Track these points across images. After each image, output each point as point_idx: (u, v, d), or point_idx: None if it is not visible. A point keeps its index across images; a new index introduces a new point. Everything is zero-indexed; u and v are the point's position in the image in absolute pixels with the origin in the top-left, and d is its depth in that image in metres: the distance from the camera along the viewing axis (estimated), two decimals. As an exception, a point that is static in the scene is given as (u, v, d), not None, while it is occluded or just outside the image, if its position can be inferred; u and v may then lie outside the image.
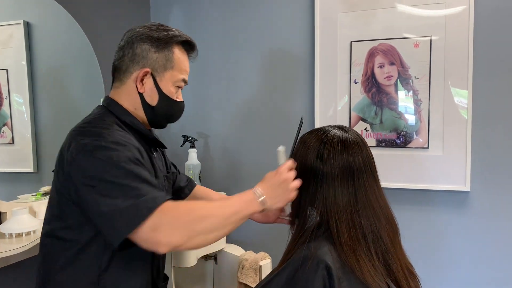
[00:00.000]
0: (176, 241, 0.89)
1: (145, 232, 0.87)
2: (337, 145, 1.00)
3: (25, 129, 1.72)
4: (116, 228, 0.88)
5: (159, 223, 0.87)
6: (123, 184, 0.89)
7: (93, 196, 0.90)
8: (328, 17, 1.91)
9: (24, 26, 1.72)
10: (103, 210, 0.89)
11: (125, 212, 0.87)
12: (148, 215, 0.87)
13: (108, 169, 0.90)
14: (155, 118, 1.13)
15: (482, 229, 1.76)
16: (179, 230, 0.90)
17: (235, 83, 2.15)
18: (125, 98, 1.09)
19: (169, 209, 0.90)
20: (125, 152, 0.94)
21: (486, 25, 1.71)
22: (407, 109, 1.81)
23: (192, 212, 0.93)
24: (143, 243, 0.89)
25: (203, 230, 0.92)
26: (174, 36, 1.11)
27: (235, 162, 2.17)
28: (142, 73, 1.07)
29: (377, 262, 0.94)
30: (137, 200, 0.88)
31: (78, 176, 0.93)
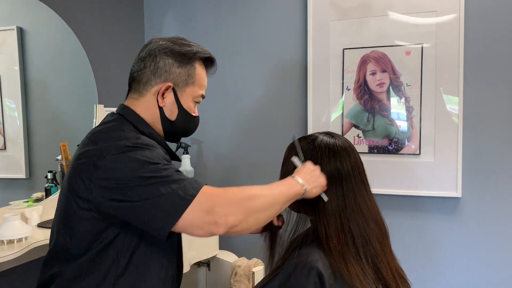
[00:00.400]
0: (233, 220, 0.87)
1: (199, 215, 0.86)
2: (325, 151, 1.01)
3: (17, 134, 1.71)
4: (164, 215, 0.86)
5: (212, 204, 0.87)
6: (162, 175, 0.88)
7: (132, 194, 0.87)
8: (320, 25, 1.93)
9: (17, 32, 1.72)
10: (146, 202, 0.86)
11: (172, 195, 0.86)
12: (195, 195, 0.86)
13: (145, 166, 0.88)
14: (172, 132, 1.11)
15: (473, 235, 1.77)
16: (235, 208, 0.89)
17: (228, 89, 2.16)
18: (143, 111, 1.07)
19: (217, 190, 0.91)
20: (157, 151, 0.94)
21: (476, 33, 1.73)
22: (399, 115, 1.83)
23: (243, 192, 0.93)
24: (197, 228, 0.87)
25: (256, 209, 0.92)
26: (198, 52, 1.10)
27: (228, 168, 2.17)
28: (165, 87, 1.05)
29: (367, 266, 0.95)
30: (181, 184, 0.87)
31: (109, 178, 0.89)
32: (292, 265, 0.93)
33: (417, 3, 1.79)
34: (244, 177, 2.14)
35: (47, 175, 1.72)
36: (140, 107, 1.07)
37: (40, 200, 1.70)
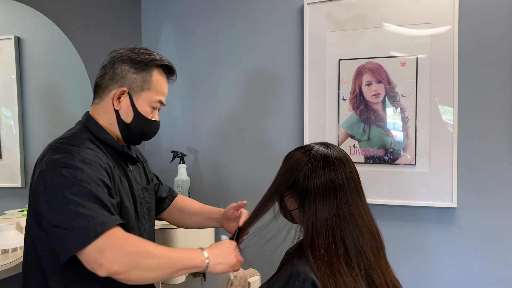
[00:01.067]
0: (116, 268, 0.91)
1: (91, 252, 0.91)
2: (320, 162, 1.01)
3: (13, 143, 1.71)
4: (64, 246, 0.92)
5: (105, 247, 0.91)
6: (78, 202, 0.94)
7: (47, 209, 0.96)
8: (317, 36, 1.95)
9: (14, 41, 1.72)
10: (54, 224, 0.94)
11: (74, 232, 0.91)
12: (94, 239, 0.90)
13: (69, 186, 0.95)
14: (129, 134, 1.18)
15: (469, 246, 1.77)
16: (122, 258, 0.93)
17: (224, 99, 2.17)
18: (102, 114, 1.16)
19: (118, 236, 0.95)
20: (88, 172, 0.99)
21: (470, 44, 1.75)
22: (395, 126, 1.84)
23: (138, 246, 0.97)
24: (86, 263, 0.92)
25: (144, 266, 0.95)
26: (154, 60, 1.17)
27: (224, 177, 2.17)
28: (120, 91, 1.13)
29: (359, 276, 0.95)
30: (88, 222, 0.92)
31: (40, 187, 0.99)
32: (287, 275, 0.93)
33: (412, 15, 1.81)
34: (240, 187, 2.14)
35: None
36: (100, 111, 1.16)
37: (35, 210, 1.69)
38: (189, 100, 2.23)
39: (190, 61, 2.23)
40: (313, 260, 0.94)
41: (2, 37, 1.73)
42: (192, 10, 2.22)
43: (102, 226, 0.92)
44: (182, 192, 2.03)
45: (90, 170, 1.00)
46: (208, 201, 2.17)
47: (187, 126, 2.24)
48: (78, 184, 0.96)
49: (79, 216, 0.92)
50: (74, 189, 0.95)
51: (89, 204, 0.95)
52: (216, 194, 2.19)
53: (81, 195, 0.95)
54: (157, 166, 2.29)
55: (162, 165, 2.26)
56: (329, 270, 0.92)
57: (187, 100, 2.24)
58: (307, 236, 0.98)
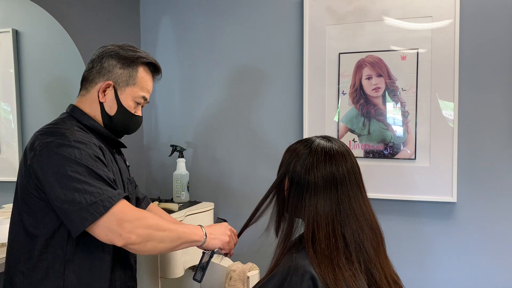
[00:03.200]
0: (134, 238, 1.00)
1: (109, 223, 0.98)
2: (321, 155, 1.00)
3: (12, 137, 1.71)
4: (74, 222, 0.98)
5: (125, 218, 1.00)
6: (82, 180, 0.99)
7: (54, 190, 0.99)
8: (317, 29, 1.94)
9: (12, 34, 1.72)
10: (62, 206, 0.98)
11: (83, 208, 0.97)
12: (103, 213, 0.97)
13: (70, 165, 1.00)
14: (111, 127, 1.22)
15: (469, 240, 1.77)
16: (140, 229, 1.02)
17: (223, 94, 2.16)
18: (87, 105, 1.20)
19: (129, 209, 1.03)
20: (86, 150, 1.04)
21: (471, 38, 1.74)
22: (395, 120, 1.83)
23: (153, 219, 1.07)
24: (102, 234, 0.99)
25: (158, 238, 1.05)
26: (140, 57, 1.22)
27: (223, 172, 2.17)
28: (105, 85, 1.18)
29: (359, 271, 0.94)
30: (95, 198, 0.98)
31: (41, 171, 1.01)
32: (286, 269, 0.92)
33: (412, 8, 1.79)
34: (239, 181, 2.14)
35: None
36: (85, 102, 1.20)
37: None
38: (188, 94, 2.22)
39: (189, 55, 2.22)
40: (313, 254, 0.94)
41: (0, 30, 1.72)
42: (191, 4, 2.20)
43: (110, 201, 0.99)
44: (181, 187, 2.02)
45: (86, 149, 1.05)
46: (207, 196, 2.18)
47: (186, 120, 2.23)
48: (78, 162, 1.01)
49: (85, 193, 0.98)
50: (76, 168, 1.00)
51: (93, 181, 1.00)
52: (214, 189, 2.18)
53: (83, 173, 1.00)
54: (156, 160, 2.29)
55: (161, 159, 2.25)
56: (329, 265, 0.92)
57: (187, 94, 2.23)
58: (307, 230, 0.97)
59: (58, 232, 1.06)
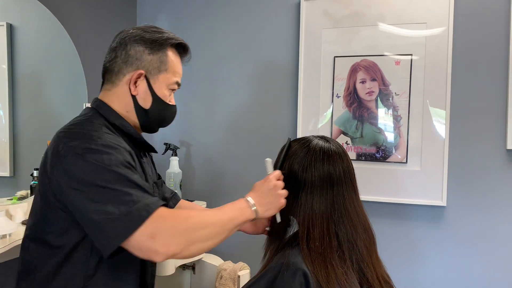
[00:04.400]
0: (174, 249, 0.85)
1: (142, 240, 0.83)
2: (319, 155, 1.02)
3: (2, 133, 1.69)
4: (107, 237, 0.84)
5: (156, 231, 0.84)
6: (114, 189, 0.85)
7: (83, 201, 0.86)
8: (312, 33, 1.95)
9: (6, 28, 1.70)
10: (93, 218, 0.84)
11: (117, 220, 0.83)
12: (140, 224, 0.83)
13: (99, 173, 0.86)
14: (147, 122, 1.10)
15: (458, 244, 1.80)
16: (177, 238, 0.86)
17: (219, 93, 2.16)
18: (116, 101, 1.06)
19: (165, 216, 0.87)
20: (116, 155, 0.90)
21: (464, 45, 1.77)
22: (387, 124, 1.86)
23: (189, 220, 0.90)
24: (138, 251, 0.85)
25: (200, 238, 0.90)
26: (169, 39, 1.08)
27: (216, 171, 2.17)
28: (136, 75, 1.04)
29: (351, 269, 0.96)
30: (130, 207, 0.84)
31: (65, 179, 0.89)
32: (279, 266, 0.93)
33: (407, 14, 1.82)
34: (232, 181, 2.14)
35: (33, 172, 1.69)
36: (113, 97, 1.06)
37: (24, 198, 1.68)
38: (183, 93, 2.22)
39: (184, 53, 2.22)
40: (307, 252, 0.95)
41: (-6, 23, 1.70)
42: (187, 6, 2.21)
43: (147, 209, 0.84)
44: (173, 185, 2.02)
45: (117, 154, 0.91)
46: (199, 195, 2.18)
47: (180, 119, 2.23)
48: (107, 169, 0.87)
49: (119, 203, 0.84)
50: (105, 176, 0.86)
51: (126, 189, 0.86)
52: (207, 188, 2.19)
53: (114, 181, 0.86)
54: (149, 159, 2.28)
55: (154, 157, 2.24)
56: (322, 262, 0.93)
57: (181, 94, 2.23)
58: (302, 227, 0.99)
59: (81, 245, 0.94)
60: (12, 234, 1.37)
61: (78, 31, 1.87)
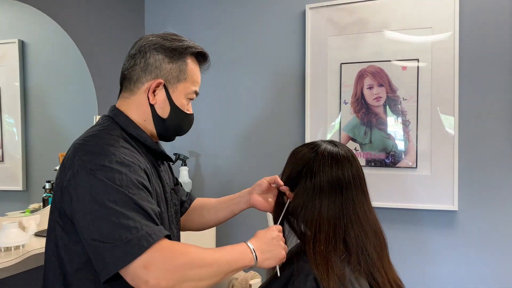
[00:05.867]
0: (164, 284, 0.82)
1: (135, 268, 0.81)
2: (327, 159, 1.01)
3: (15, 149, 1.71)
4: (105, 263, 0.82)
5: (151, 262, 0.82)
6: (120, 212, 0.83)
7: (86, 219, 0.85)
8: (318, 40, 1.97)
9: (18, 45, 1.73)
10: (94, 238, 0.83)
11: (116, 247, 0.81)
12: (140, 254, 0.81)
13: (108, 192, 0.85)
14: (165, 131, 1.08)
15: (470, 248, 1.77)
16: (170, 273, 0.83)
17: (226, 103, 2.18)
18: (134, 109, 1.04)
19: (164, 248, 0.84)
20: (129, 175, 0.88)
21: (470, 50, 1.77)
22: (396, 129, 1.85)
23: (186, 256, 0.87)
24: (131, 279, 0.82)
25: (194, 277, 0.86)
26: (189, 47, 1.07)
27: (225, 181, 2.18)
28: (155, 84, 1.02)
29: (358, 274, 0.95)
30: (132, 234, 0.82)
31: (75, 193, 0.88)
32: (290, 271, 0.93)
33: (412, 20, 1.82)
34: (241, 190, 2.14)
35: (45, 185, 1.72)
36: (131, 106, 1.04)
37: (36, 211, 1.70)
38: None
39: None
40: (313, 256, 0.94)
41: (6, 41, 1.73)
42: (194, 15, 2.24)
43: (148, 240, 0.82)
44: (183, 195, 2.03)
45: (130, 173, 0.89)
46: (209, 204, 2.18)
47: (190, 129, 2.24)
48: (117, 190, 0.85)
49: (121, 228, 0.81)
50: (114, 196, 0.84)
51: (131, 214, 0.84)
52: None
53: (122, 203, 0.84)
54: (159, 170, 2.29)
55: (164, 168, 2.26)
56: (325, 266, 0.92)
57: (189, 104, 2.25)
58: (310, 232, 0.98)
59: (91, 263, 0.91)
60: (25, 246, 1.39)
61: (87, 45, 1.90)
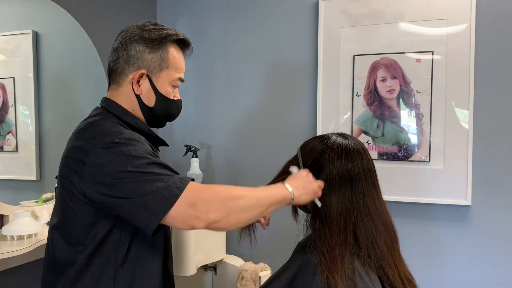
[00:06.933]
0: (214, 216, 0.89)
1: (183, 209, 0.88)
2: (337, 152, 1.01)
3: (29, 140, 1.73)
4: (151, 213, 0.88)
5: (196, 200, 0.89)
6: (147, 171, 0.90)
7: (118, 190, 0.90)
8: (331, 31, 1.94)
9: (32, 36, 1.74)
10: (132, 200, 0.88)
11: (156, 195, 0.87)
12: (179, 194, 0.88)
13: (128, 161, 0.90)
14: (153, 118, 1.13)
15: (483, 243, 1.75)
16: (216, 205, 0.90)
17: (238, 94, 2.17)
18: (123, 100, 1.09)
19: (200, 187, 0.93)
20: (140, 146, 0.95)
21: (487, 42, 1.73)
22: (409, 122, 1.83)
23: (226, 190, 0.95)
24: (180, 221, 0.89)
25: (237, 208, 0.93)
26: (168, 35, 1.10)
27: (237, 172, 2.18)
28: (138, 75, 1.07)
29: (368, 267, 0.94)
30: (166, 182, 0.88)
31: (97, 174, 0.92)
32: (300, 262, 0.93)
33: (427, 11, 1.79)
34: (252, 183, 2.14)
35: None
36: (120, 97, 1.09)
37: (49, 200, 1.72)
38: (203, 95, 2.24)
39: (204, 56, 2.24)
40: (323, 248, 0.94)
41: (20, 31, 1.75)
42: (207, 7, 2.23)
43: (182, 181, 0.90)
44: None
45: (141, 145, 0.96)
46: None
47: (200, 120, 2.25)
48: (136, 157, 0.91)
49: (154, 181, 0.89)
50: (136, 162, 0.90)
51: (157, 170, 0.91)
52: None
53: (145, 166, 0.91)
54: (170, 160, 2.30)
55: (175, 159, 2.27)
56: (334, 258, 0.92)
57: (201, 95, 2.25)
58: (320, 225, 0.98)
59: (110, 237, 0.99)
60: (38, 234, 1.41)
61: (100, 36, 1.91)
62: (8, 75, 1.69)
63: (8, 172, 1.69)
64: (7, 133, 1.68)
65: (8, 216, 1.46)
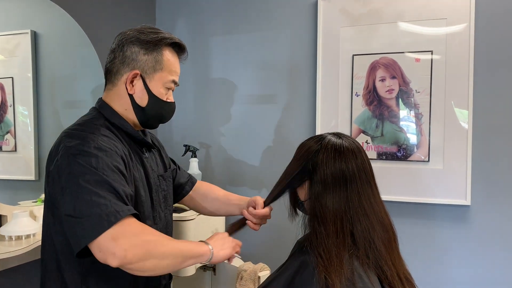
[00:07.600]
0: (131, 257, 0.89)
1: (104, 241, 0.88)
2: (331, 152, 1.00)
3: (28, 140, 1.72)
4: (76, 236, 0.90)
5: (119, 235, 0.89)
6: (93, 191, 0.91)
7: (63, 197, 0.93)
8: (330, 31, 1.94)
9: (31, 36, 1.74)
10: (68, 213, 0.91)
11: (87, 221, 0.89)
12: (108, 228, 0.88)
13: (84, 173, 0.93)
14: (145, 119, 1.15)
15: (482, 243, 1.75)
16: (137, 247, 0.90)
17: (237, 94, 2.17)
18: (116, 100, 1.13)
19: (131, 225, 0.93)
20: (105, 159, 0.97)
21: (486, 42, 1.73)
22: (408, 122, 1.82)
23: (152, 234, 0.96)
24: (99, 253, 0.89)
25: (158, 255, 0.94)
26: (164, 38, 1.13)
27: (235, 173, 2.18)
28: (132, 75, 1.10)
29: (367, 267, 0.94)
30: (101, 210, 0.89)
31: (55, 175, 0.97)
32: (298, 262, 0.92)
33: (427, 11, 1.79)
34: (251, 183, 2.14)
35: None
36: (114, 96, 1.13)
37: (48, 200, 1.72)
38: (202, 94, 2.24)
39: (203, 56, 2.24)
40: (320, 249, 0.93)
41: (19, 31, 1.74)
42: (206, 6, 2.23)
43: (116, 216, 0.90)
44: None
45: (106, 157, 0.97)
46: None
47: (200, 120, 2.25)
48: (93, 171, 0.93)
49: (92, 205, 0.90)
50: (89, 177, 0.92)
51: (104, 193, 0.92)
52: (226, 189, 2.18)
53: (95, 183, 0.92)
54: (169, 161, 2.30)
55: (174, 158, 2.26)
56: (332, 259, 0.91)
57: (201, 95, 2.25)
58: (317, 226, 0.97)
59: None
60: (36, 235, 1.41)
61: (99, 36, 1.90)
62: (7, 75, 1.69)
63: (7, 172, 1.68)
64: (5, 133, 1.67)
65: (6, 216, 1.45)
